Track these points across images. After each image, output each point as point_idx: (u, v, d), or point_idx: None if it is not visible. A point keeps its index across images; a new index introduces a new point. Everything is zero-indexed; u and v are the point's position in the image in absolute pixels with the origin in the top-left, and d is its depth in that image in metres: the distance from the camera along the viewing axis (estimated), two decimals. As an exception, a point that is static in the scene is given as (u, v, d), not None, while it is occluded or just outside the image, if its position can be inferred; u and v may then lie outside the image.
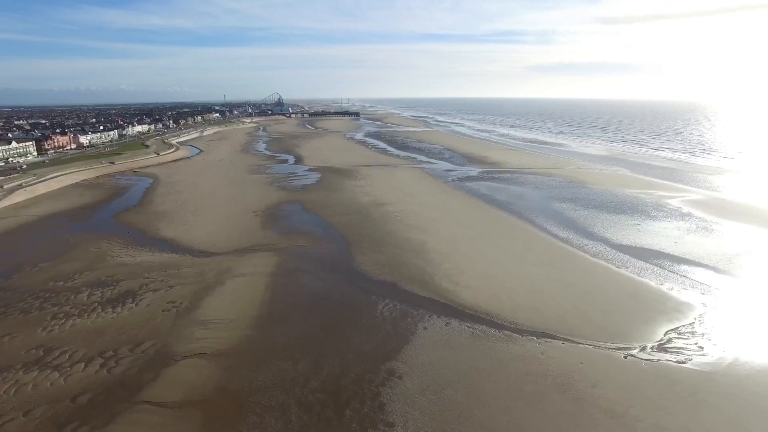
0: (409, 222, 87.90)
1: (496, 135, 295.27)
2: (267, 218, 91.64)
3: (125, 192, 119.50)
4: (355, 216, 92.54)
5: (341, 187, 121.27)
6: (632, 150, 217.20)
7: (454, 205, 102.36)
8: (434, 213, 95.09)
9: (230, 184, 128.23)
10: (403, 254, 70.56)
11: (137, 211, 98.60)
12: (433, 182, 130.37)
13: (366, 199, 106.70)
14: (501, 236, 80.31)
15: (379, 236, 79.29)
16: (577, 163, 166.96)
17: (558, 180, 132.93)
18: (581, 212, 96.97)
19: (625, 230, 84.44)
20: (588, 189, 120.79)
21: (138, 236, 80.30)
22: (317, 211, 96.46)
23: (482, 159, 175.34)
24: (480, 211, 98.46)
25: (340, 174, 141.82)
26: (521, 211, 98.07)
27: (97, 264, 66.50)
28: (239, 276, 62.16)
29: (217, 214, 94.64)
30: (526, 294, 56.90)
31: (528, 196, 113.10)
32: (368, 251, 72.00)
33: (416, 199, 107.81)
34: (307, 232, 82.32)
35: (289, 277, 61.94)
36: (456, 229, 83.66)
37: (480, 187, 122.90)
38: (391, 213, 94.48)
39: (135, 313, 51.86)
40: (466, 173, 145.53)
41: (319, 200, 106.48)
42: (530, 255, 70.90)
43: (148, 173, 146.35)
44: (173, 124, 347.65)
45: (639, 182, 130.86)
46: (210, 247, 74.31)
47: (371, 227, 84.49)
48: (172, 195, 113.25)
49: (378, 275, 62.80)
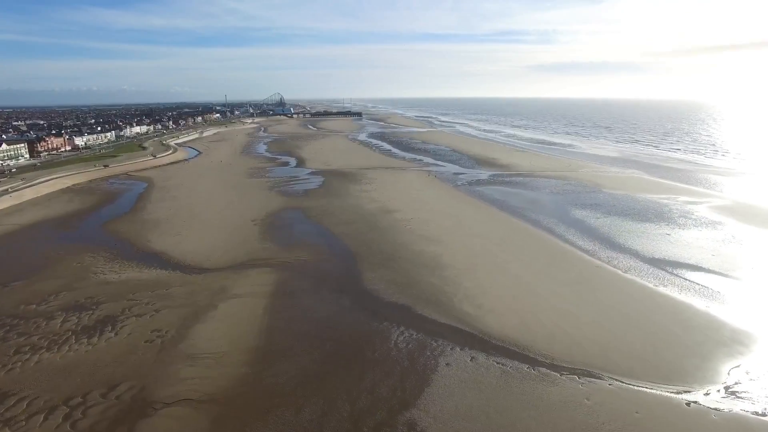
0: (420, 232, 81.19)
1: (503, 136, 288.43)
2: (266, 228, 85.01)
3: (117, 197, 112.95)
4: (361, 225, 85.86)
5: (345, 192, 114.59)
6: (643, 151, 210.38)
7: (466, 213, 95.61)
8: (446, 221, 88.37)
9: (228, 188, 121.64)
10: (416, 270, 63.84)
11: (128, 219, 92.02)
12: (442, 187, 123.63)
13: (372, 206, 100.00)
14: (521, 248, 73.57)
15: (388, 249, 72.58)
16: (589, 166, 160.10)
17: (573, 184, 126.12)
18: (603, 220, 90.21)
19: (655, 241, 77.68)
20: (606, 194, 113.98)
21: (126, 249, 73.71)
22: (320, 220, 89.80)
23: (491, 161, 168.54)
24: (495, 218, 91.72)
25: (343, 177, 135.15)
26: (539, 218, 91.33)
27: (77, 283, 59.86)
28: (235, 297, 55.50)
29: (213, 223, 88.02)
30: (559, 320, 50.15)
31: (544, 201, 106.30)
32: (377, 267, 65.30)
33: (426, 205, 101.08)
34: (310, 243, 75.64)
35: (291, 299, 55.27)
36: (471, 240, 76.95)
37: (492, 192, 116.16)
38: (400, 221, 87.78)
39: (113, 344, 45.20)
40: (476, 177, 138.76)
41: (322, 207, 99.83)
42: (556, 271, 64.15)
43: (143, 177, 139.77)
44: (173, 124, 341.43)
45: (658, 186, 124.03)
46: (204, 261, 67.68)
47: (379, 238, 77.80)
48: (166, 201, 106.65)
49: (390, 296, 56.09)
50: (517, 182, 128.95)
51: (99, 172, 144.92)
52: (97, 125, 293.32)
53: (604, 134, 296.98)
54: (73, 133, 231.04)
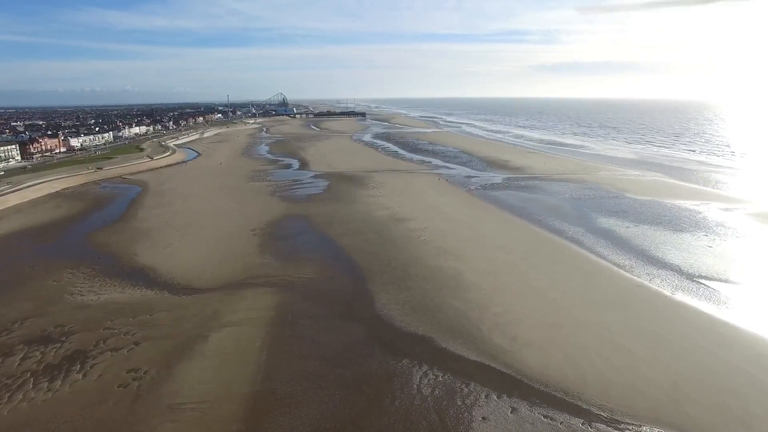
0: (436, 244, 73.49)
1: (511, 136, 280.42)
2: (266, 238, 77.43)
3: (108, 203, 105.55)
4: (370, 235, 78.21)
5: (352, 198, 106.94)
6: (658, 152, 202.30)
7: (484, 221, 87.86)
8: (464, 231, 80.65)
9: (227, 193, 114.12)
10: (435, 291, 56.14)
11: (116, 228, 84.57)
12: (455, 192, 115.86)
13: (382, 214, 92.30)
14: (550, 264, 65.80)
15: (402, 264, 64.88)
16: (607, 168, 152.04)
17: (593, 188, 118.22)
18: (634, 230, 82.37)
19: (698, 255, 69.90)
20: (631, 200, 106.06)
21: (110, 263, 66.20)
22: (326, 230, 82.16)
23: (503, 163, 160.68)
24: (516, 228, 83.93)
25: (349, 181, 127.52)
26: (563, 228, 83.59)
27: (49, 306, 52.33)
28: (228, 326, 47.91)
29: (208, 233, 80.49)
30: (610, 355, 42.41)
31: (566, 208, 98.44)
32: (391, 287, 57.63)
33: (440, 213, 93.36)
34: (315, 258, 67.97)
35: (293, 328, 47.62)
36: (494, 254, 69.22)
37: (509, 198, 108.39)
38: (413, 232, 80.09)
39: (79, 390, 37.62)
40: (489, 180, 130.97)
41: (327, 214, 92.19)
42: (593, 291, 56.39)
43: (138, 180, 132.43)
44: (173, 125, 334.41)
45: (685, 191, 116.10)
46: (195, 279, 60.10)
47: (392, 252, 70.11)
48: (159, 208, 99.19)
49: (408, 324, 48.40)
50: (533, 186, 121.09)
51: (92, 175, 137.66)
52: (95, 126, 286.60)
53: (613, 135, 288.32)
54: (70, 133, 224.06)
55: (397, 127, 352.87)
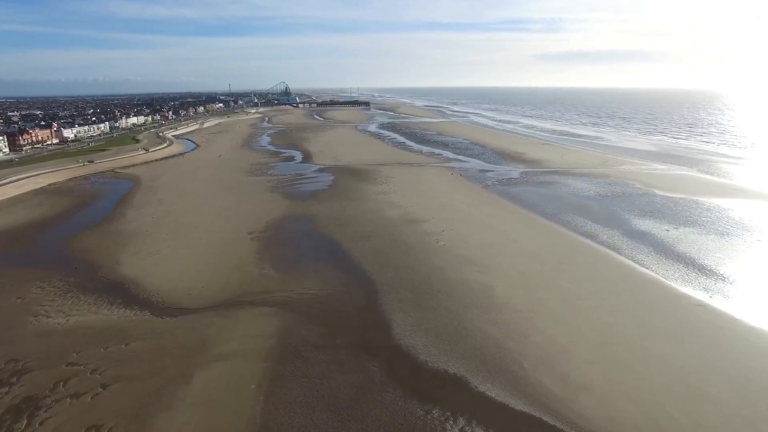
0: (457, 251, 65.03)
1: (521, 127, 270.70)
2: (266, 243, 69.08)
3: (95, 201, 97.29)
4: (382, 240, 69.79)
5: (360, 195, 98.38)
6: (677, 144, 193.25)
7: (507, 223, 79.30)
8: (486, 235, 72.15)
9: (224, 189, 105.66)
10: (463, 312, 47.78)
11: (100, 230, 76.37)
12: (471, 188, 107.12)
13: (393, 214, 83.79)
14: (590, 276, 57.32)
15: (421, 277, 56.49)
16: (629, 161, 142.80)
17: (619, 184, 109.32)
18: (676, 233, 73.75)
19: (760, 265, 61.43)
20: (663, 197, 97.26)
21: (87, 274, 58.01)
22: (332, 232, 73.76)
23: (518, 156, 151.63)
24: (544, 231, 75.36)
25: (356, 176, 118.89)
26: (596, 231, 75.04)
27: (5, 333, 44.18)
28: (219, 360, 39.70)
29: (201, 237, 72.21)
30: (691, 408, 34.00)
31: (594, 208, 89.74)
32: (411, 306, 49.30)
33: (457, 212, 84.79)
34: (320, 268, 59.57)
35: (296, 364, 39.35)
36: (524, 264, 60.75)
37: (530, 195, 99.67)
38: (429, 235, 71.63)
39: (24, 458, 29.50)
40: (506, 175, 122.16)
41: (333, 214, 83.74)
42: (649, 314, 47.91)
43: (131, 175, 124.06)
44: (173, 115, 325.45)
45: (719, 187, 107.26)
46: (183, 296, 51.89)
47: (407, 260, 61.70)
48: (150, 206, 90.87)
49: (435, 359, 40.07)
50: (554, 182, 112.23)
51: (82, 169, 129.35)
52: (93, 116, 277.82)
53: (624, 126, 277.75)
54: (65, 124, 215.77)
55: (402, 116, 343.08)
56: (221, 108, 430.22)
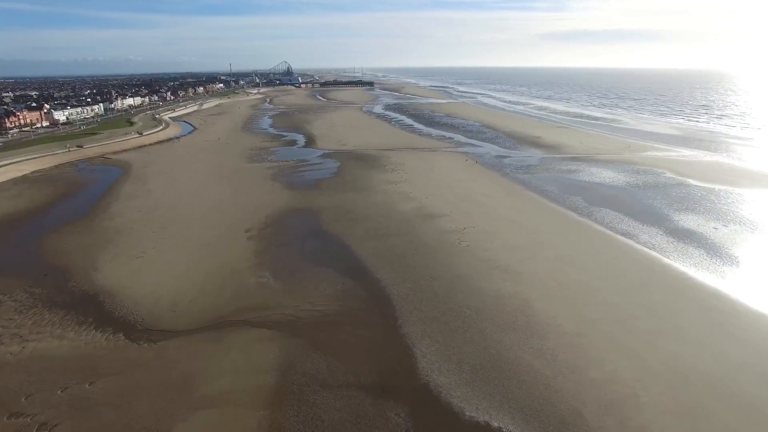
0: (483, 253, 56.89)
1: (532, 108, 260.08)
2: (265, 244, 61.02)
3: (79, 191, 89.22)
4: (396, 240, 61.65)
5: (368, 184, 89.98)
6: (698, 126, 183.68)
7: (534, 218, 70.94)
8: (513, 234, 63.92)
9: (221, 178, 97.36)
10: (500, 337, 39.81)
11: (80, 227, 68.39)
12: (489, 176, 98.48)
13: (406, 207, 75.53)
14: (643, 289, 49.15)
15: (445, 288, 48.46)
16: (653, 147, 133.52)
17: (649, 173, 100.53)
18: (725, 232, 65.63)
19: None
20: (700, 188, 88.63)
21: (57, 284, 50.18)
22: (339, 230, 65.60)
23: (534, 140, 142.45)
24: (578, 230, 67.02)
25: (363, 162, 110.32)
26: (636, 229, 66.73)
27: (-54, 367, 36.44)
28: (203, 407, 31.93)
29: (193, 235, 64.19)
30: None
31: (627, 200, 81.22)
32: (436, 328, 41.35)
33: (477, 205, 76.47)
34: (327, 277, 51.53)
35: (300, 412, 31.56)
36: (562, 271, 52.61)
37: (554, 185, 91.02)
38: (449, 234, 63.43)
39: None
40: (524, 161, 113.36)
41: (340, 208, 75.52)
42: (725, 341, 39.86)
43: (121, 161, 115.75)
44: (171, 96, 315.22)
45: (757, 176, 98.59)
46: (166, 313, 44.03)
47: (428, 266, 53.62)
48: (138, 198, 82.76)
49: (472, 405, 32.20)
50: (578, 170, 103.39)
51: (69, 155, 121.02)
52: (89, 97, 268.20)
53: (637, 107, 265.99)
54: (58, 105, 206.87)
55: (408, 97, 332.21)
56: (222, 88, 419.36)
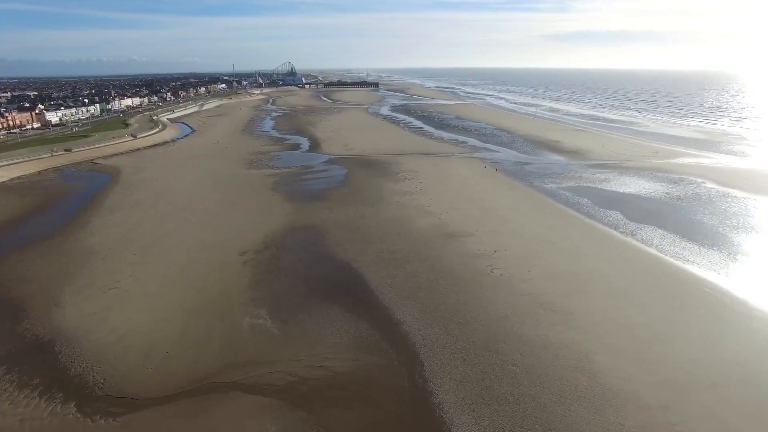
0: (522, 285, 47.60)
1: (544, 110, 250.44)
2: (262, 272, 51.84)
3: (58, 202, 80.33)
4: (416, 267, 52.39)
5: (379, 195, 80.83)
6: (721, 129, 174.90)
7: (574, 239, 61.55)
8: (553, 259, 54.58)
9: (217, 187, 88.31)
10: (563, 412, 30.51)
11: (50, 246, 59.37)
12: (511, 186, 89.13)
13: (425, 224, 66.27)
14: (728, 341, 39.77)
15: (482, 336, 39.17)
16: (683, 152, 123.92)
17: (687, 182, 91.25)
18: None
19: None
20: (751, 201, 79.46)
21: (3, 328, 41.02)
22: (350, 253, 56.38)
23: (554, 145, 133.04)
24: (627, 254, 57.57)
25: (373, 169, 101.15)
26: (693, 255, 57.47)
27: None
28: None
29: (178, 258, 55.08)
30: None
31: (672, 215, 71.91)
32: (475, 395, 32.12)
33: (505, 222, 67.17)
34: (337, 318, 42.30)
35: None
36: (620, 309, 43.29)
37: (584, 196, 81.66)
38: (478, 259, 54.12)
39: None
40: (547, 169, 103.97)
41: (349, 224, 66.37)
42: None
43: (110, 166, 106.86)
44: (171, 96, 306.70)
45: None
46: (136, 370, 34.90)
47: (458, 304, 44.33)
48: (122, 210, 73.77)
49: None
50: (608, 179, 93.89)
51: (56, 159, 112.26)
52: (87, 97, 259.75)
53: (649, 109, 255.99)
54: (53, 106, 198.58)
55: (414, 98, 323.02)
56: (224, 89, 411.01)
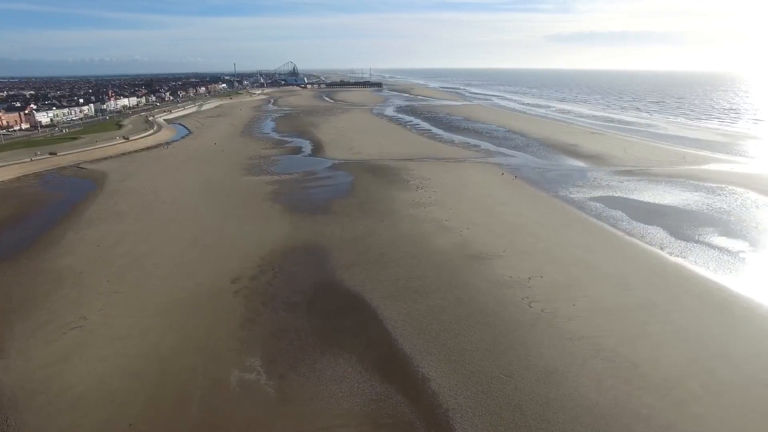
0: (568, 325, 39.35)
1: (555, 111, 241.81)
2: (258, 305, 43.63)
3: (34, 212, 72.34)
4: (440, 299, 44.17)
5: (390, 207, 72.64)
6: (740, 132, 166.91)
7: (615, 261, 53.27)
8: (598, 288, 46.31)
9: (210, 197, 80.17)
10: None
11: (12, 268, 51.37)
12: (535, 196, 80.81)
13: (444, 242, 58.00)
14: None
15: (532, 399, 31.00)
16: (711, 157, 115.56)
17: (726, 192, 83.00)
18: None
19: None
20: (805, 214, 70.86)
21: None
22: (359, 281, 48.17)
23: (572, 149, 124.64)
24: (680, 280, 49.26)
25: (381, 176, 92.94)
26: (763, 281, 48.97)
27: None
28: None
29: (157, 288, 46.90)
30: None
31: (722, 232, 63.64)
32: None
33: (535, 239, 58.86)
34: (346, 373, 34.12)
35: None
36: (698, 361, 35.04)
37: (618, 208, 73.34)
38: (511, 287, 45.86)
39: None
40: (570, 176, 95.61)
41: (357, 243, 58.12)
42: None
43: (97, 172, 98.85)
44: (170, 96, 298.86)
45: None
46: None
47: (495, 351, 36.14)
48: (102, 224, 65.69)
49: None
50: (639, 188, 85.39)
51: (39, 163, 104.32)
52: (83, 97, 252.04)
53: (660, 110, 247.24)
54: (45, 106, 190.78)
55: (420, 99, 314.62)
56: (224, 89, 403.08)
